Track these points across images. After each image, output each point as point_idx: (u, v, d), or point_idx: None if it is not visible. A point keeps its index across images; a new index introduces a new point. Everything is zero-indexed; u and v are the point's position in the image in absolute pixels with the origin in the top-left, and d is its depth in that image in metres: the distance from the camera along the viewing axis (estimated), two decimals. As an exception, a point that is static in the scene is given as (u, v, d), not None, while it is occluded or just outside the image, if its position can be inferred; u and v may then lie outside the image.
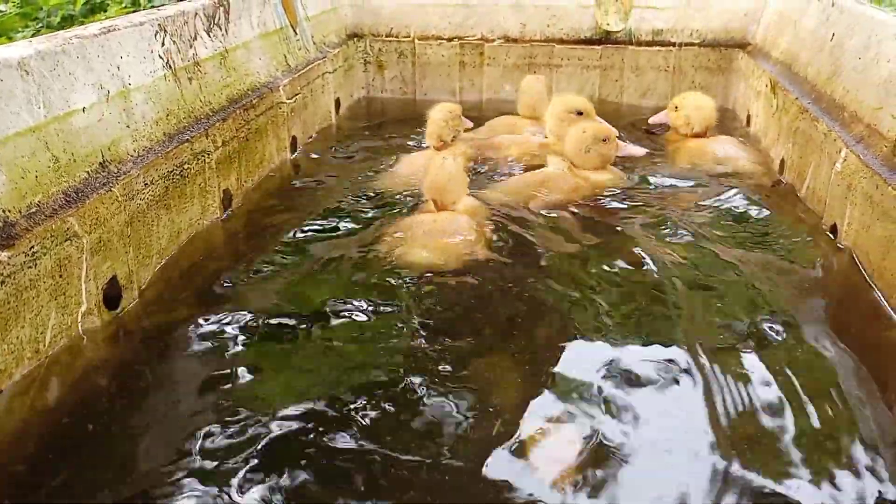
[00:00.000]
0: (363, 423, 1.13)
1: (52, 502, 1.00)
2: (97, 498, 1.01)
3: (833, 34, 1.99)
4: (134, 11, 3.41)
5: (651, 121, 2.51)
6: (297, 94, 2.28)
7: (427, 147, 2.25)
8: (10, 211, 1.17)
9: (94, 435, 1.12)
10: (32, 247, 1.18)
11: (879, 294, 1.46)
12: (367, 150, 2.37)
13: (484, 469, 1.05)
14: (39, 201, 1.23)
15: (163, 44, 1.66)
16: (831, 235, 1.70)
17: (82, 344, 1.30)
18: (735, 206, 1.92)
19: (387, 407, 1.17)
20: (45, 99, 1.28)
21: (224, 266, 1.62)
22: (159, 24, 1.66)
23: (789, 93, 2.12)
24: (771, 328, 1.38)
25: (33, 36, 3.27)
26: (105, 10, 3.46)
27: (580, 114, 2.22)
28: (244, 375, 1.25)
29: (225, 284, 1.54)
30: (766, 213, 1.87)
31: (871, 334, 1.37)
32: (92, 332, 1.33)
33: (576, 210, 1.88)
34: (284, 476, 1.03)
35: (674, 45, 2.81)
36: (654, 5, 2.80)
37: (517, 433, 1.11)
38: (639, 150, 2.19)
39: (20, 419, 1.12)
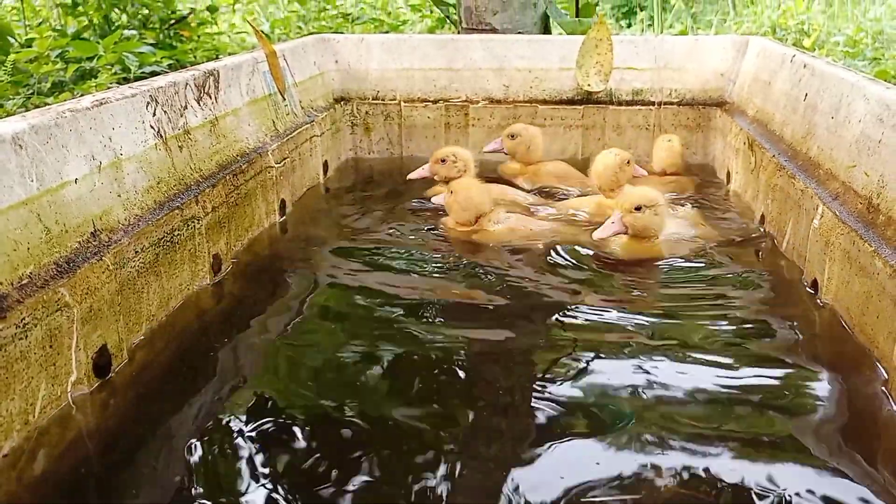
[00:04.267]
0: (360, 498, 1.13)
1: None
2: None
3: (806, 94, 2.05)
4: (124, 78, 3.48)
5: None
6: (285, 158, 2.32)
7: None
8: (2, 283, 1.18)
9: (84, 507, 1.11)
10: (24, 318, 1.19)
11: (862, 347, 1.48)
12: (355, 211, 2.40)
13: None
14: (31, 272, 1.24)
15: (154, 114, 1.70)
16: (812, 290, 1.74)
17: (72, 413, 1.30)
18: (716, 261, 1.95)
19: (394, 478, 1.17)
20: (38, 172, 1.31)
21: (214, 330, 1.63)
22: (150, 96, 1.70)
23: (766, 150, 2.18)
24: (755, 381, 1.40)
25: (24, 103, 3.32)
26: (95, 77, 3.53)
27: None
28: (236, 442, 1.25)
29: (214, 349, 1.54)
30: (747, 267, 1.91)
31: (854, 387, 1.39)
32: (81, 402, 1.33)
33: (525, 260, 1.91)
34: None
35: (653, 104, 2.88)
36: (634, 66, 2.89)
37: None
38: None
39: (9, 493, 1.12)
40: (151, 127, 1.68)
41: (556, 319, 1.64)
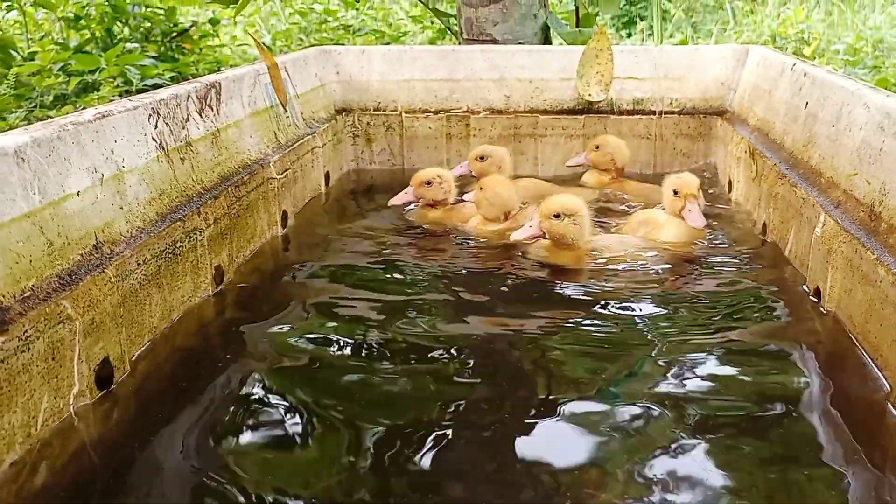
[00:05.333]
0: None
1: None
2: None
3: (806, 103, 2.05)
4: (127, 90, 3.49)
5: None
6: (287, 170, 2.32)
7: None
8: (4, 296, 1.18)
9: (86, 521, 1.11)
10: (26, 331, 1.19)
11: (866, 356, 1.48)
12: (357, 222, 2.41)
13: None
14: (33, 285, 1.24)
15: (156, 126, 1.70)
16: (815, 299, 1.73)
17: (74, 425, 1.30)
18: (719, 269, 1.95)
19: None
20: (41, 185, 1.31)
21: (216, 342, 1.63)
22: (153, 108, 1.70)
23: (767, 159, 2.18)
24: (756, 390, 1.39)
25: (27, 116, 3.34)
26: (98, 90, 3.54)
27: None
28: (238, 453, 1.25)
29: (216, 361, 1.54)
30: (750, 275, 1.91)
31: (858, 396, 1.38)
32: (83, 413, 1.33)
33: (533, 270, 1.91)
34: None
35: (654, 113, 2.89)
36: (634, 76, 2.89)
37: None
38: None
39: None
40: (153, 139, 1.69)
41: (570, 316, 1.64)
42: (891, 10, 5.65)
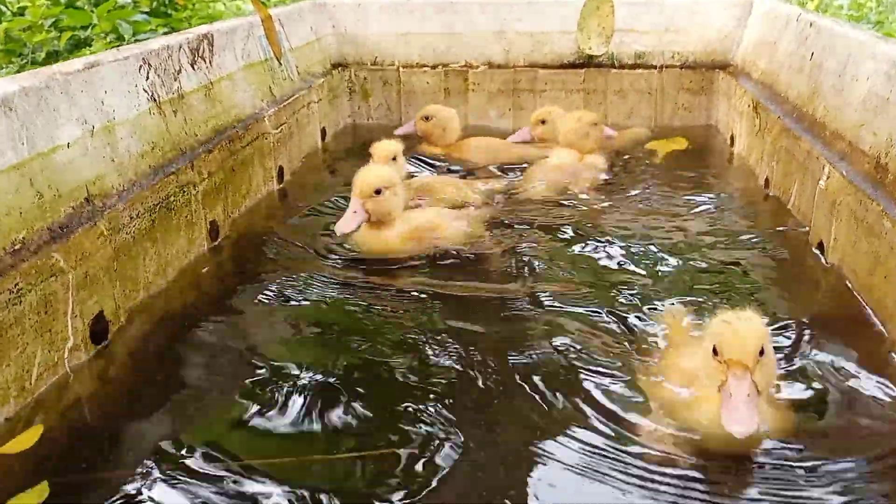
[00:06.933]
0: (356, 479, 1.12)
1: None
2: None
3: (812, 54, 2.01)
4: (119, 46, 3.42)
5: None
6: (282, 124, 2.29)
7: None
8: (-6, 248, 1.16)
9: (82, 475, 1.10)
10: (17, 284, 1.17)
11: (868, 309, 1.46)
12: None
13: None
14: (24, 238, 1.22)
15: (147, 78, 1.66)
16: (818, 251, 1.71)
17: (69, 380, 1.29)
18: (720, 225, 1.93)
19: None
20: (29, 135, 1.28)
21: (211, 297, 1.61)
22: (143, 59, 1.66)
23: (771, 112, 2.14)
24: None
25: (18, 72, 3.27)
26: (90, 46, 3.47)
27: None
28: (233, 408, 1.23)
29: (212, 316, 1.52)
30: (753, 229, 1.88)
31: (860, 349, 1.37)
32: (78, 368, 1.31)
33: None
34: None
35: (655, 67, 2.84)
36: (635, 29, 2.84)
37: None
38: None
39: (6, 461, 1.10)
40: (145, 90, 1.65)
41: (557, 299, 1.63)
42: (896, -36, 5.54)
